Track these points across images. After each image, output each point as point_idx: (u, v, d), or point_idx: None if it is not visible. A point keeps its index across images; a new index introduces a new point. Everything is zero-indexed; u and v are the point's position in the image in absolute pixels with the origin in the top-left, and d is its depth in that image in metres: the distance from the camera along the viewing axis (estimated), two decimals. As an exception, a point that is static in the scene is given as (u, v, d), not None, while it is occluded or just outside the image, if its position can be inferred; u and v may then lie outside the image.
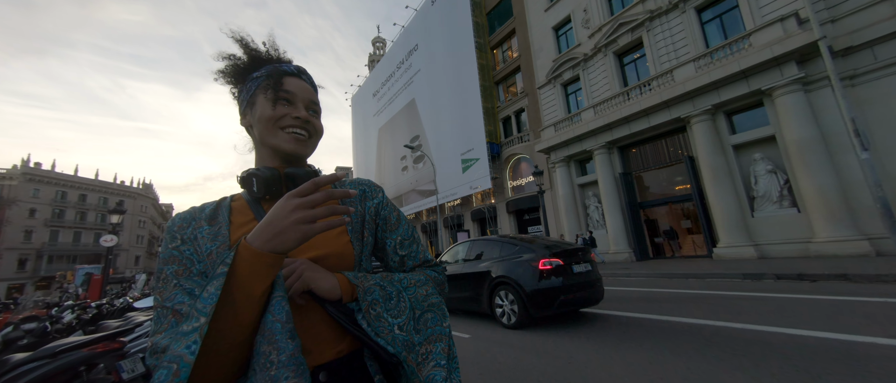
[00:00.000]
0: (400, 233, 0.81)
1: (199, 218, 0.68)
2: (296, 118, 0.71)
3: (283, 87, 0.71)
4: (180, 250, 0.64)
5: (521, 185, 19.87)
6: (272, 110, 0.70)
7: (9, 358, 2.36)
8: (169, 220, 0.70)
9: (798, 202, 9.30)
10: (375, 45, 45.39)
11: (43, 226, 36.71)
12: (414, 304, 0.67)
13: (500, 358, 3.54)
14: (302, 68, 0.78)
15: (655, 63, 12.79)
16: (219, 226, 0.68)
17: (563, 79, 16.60)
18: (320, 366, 0.62)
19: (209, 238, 0.65)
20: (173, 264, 0.62)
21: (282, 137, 0.71)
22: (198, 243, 0.65)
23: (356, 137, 40.08)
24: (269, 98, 0.70)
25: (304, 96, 0.73)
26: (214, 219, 0.69)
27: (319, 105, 0.78)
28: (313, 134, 0.75)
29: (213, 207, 0.71)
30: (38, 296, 10.52)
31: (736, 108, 10.66)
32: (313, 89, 0.78)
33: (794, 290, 5.36)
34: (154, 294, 0.63)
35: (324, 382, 0.62)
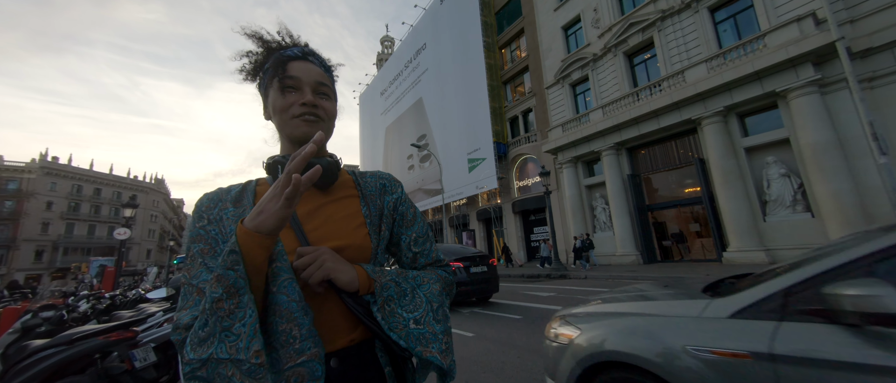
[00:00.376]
0: (415, 230, 0.82)
1: (226, 199, 0.70)
2: (303, 105, 0.70)
3: (288, 72, 0.70)
4: (206, 230, 0.66)
5: (527, 186, 19.78)
6: (282, 99, 0.70)
7: (29, 344, 2.45)
8: (198, 200, 0.71)
9: (812, 207, 9.09)
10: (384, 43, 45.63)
11: (59, 219, 37.74)
12: (430, 299, 0.69)
13: (503, 356, 3.54)
14: (308, 50, 0.75)
15: (666, 64, 12.60)
16: (243, 209, 0.69)
17: (572, 79, 16.47)
18: (332, 353, 0.64)
19: (233, 219, 0.67)
20: (200, 243, 0.64)
21: (292, 125, 0.71)
22: (223, 224, 0.67)
23: (364, 136, 40.33)
24: (276, 87, 0.71)
25: (310, 79, 0.72)
26: (239, 202, 0.70)
27: (330, 85, 0.76)
28: (324, 117, 0.73)
29: (238, 190, 0.73)
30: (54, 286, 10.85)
31: (749, 110, 10.45)
32: (322, 70, 0.76)
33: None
34: (183, 271, 0.65)
35: (335, 368, 0.63)
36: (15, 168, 35.87)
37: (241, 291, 0.53)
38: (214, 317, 0.51)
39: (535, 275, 11.89)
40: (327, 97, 0.75)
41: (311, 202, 0.73)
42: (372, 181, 0.82)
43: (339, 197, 0.76)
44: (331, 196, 0.75)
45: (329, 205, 0.74)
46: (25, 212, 34.47)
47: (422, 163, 27.30)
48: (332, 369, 0.63)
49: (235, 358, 0.50)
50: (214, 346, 0.51)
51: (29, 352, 2.35)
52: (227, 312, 0.52)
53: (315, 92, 0.73)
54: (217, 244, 0.65)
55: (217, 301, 0.52)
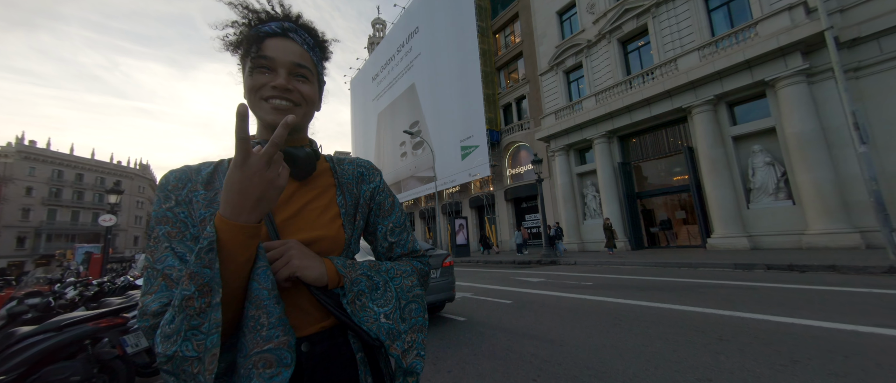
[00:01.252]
0: (392, 220, 0.79)
1: (196, 180, 0.65)
2: (274, 88, 0.64)
3: (262, 51, 0.64)
4: (174, 212, 0.62)
5: (519, 173, 19.88)
6: (251, 79, 0.65)
7: (15, 331, 2.42)
8: (162, 177, 0.66)
9: (794, 195, 9.37)
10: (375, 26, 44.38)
11: (40, 205, 36.66)
12: (400, 294, 0.68)
13: (493, 340, 3.64)
14: (289, 25, 0.67)
15: (660, 51, 12.60)
16: (215, 192, 0.65)
17: (566, 65, 16.37)
18: (303, 337, 0.63)
19: (204, 203, 0.64)
20: (166, 225, 0.61)
21: (263, 108, 0.65)
22: (192, 206, 0.63)
23: (355, 122, 39.69)
24: (249, 67, 0.65)
25: (285, 59, 0.65)
26: (211, 184, 0.66)
27: (312, 66, 0.69)
28: (299, 102, 0.67)
29: (209, 171, 0.67)
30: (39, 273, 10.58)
31: (738, 99, 10.59)
32: (303, 48, 0.68)
33: (783, 280, 5.49)
34: (146, 252, 0.61)
35: (305, 352, 0.62)
36: (-10, 152, 34.47)
37: (214, 290, 0.51)
38: (183, 315, 0.50)
39: (526, 261, 12.11)
40: (305, 80, 0.68)
41: (286, 191, 0.69)
42: (350, 169, 0.79)
43: (316, 187, 0.73)
44: (307, 185, 0.72)
45: (304, 194, 0.71)
46: (4, 197, 33.35)
47: (414, 150, 27.10)
48: (302, 353, 0.62)
49: (202, 356, 0.50)
50: (179, 344, 0.49)
51: (16, 339, 2.32)
52: (198, 311, 0.50)
53: (291, 73, 0.66)
54: (186, 228, 0.61)
55: (187, 298, 0.50)
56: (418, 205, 28.46)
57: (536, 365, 2.87)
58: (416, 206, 28.70)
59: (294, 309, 0.64)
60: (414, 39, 27.91)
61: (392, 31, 32.02)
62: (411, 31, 28.32)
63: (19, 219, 34.93)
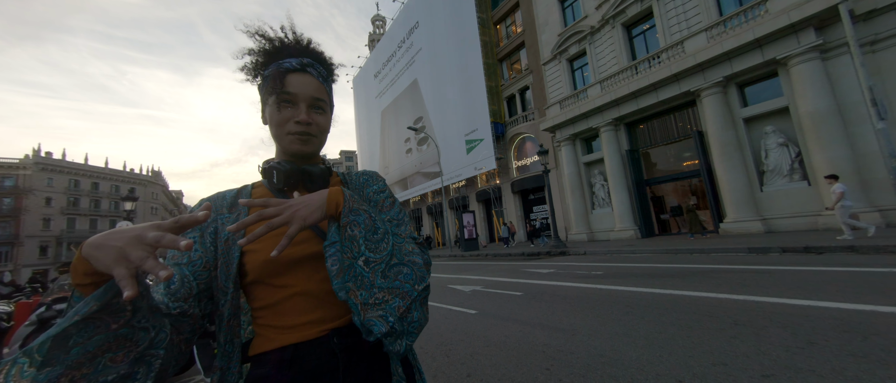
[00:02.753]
0: (391, 214, 0.81)
1: (222, 206, 0.72)
2: (297, 123, 0.71)
3: (285, 87, 0.70)
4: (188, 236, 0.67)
5: (526, 165, 19.76)
6: (278, 114, 0.71)
7: (46, 335, 2.53)
8: (197, 204, 0.69)
9: (809, 175, 9.15)
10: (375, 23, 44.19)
11: (60, 214, 37.79)
12: (395, 251, 0.65)
13: (505, 331, 3.67)
14: (307, 61, 0.74)
15: (665, 34, 12.31)
16: (237, 214, 0.71)
17: (569, 54, 16.11)
18: (334, 329, 0.66)
19: (228, 225, 0.69)
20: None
21: (286, 140, 0.72)
22: (216, 229, 0.69)
23: (359, 121, 39.77)
24: (272, 103, 0.71)
25: (306, 93, 0.72)
26: (234, 207, 0.72)
27: (327, 97, 0.76)
28: (317, 133, 0.74)
29: (234, 195, 0.75)
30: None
31: (748, 80, 10.31)
32: (320, 81, 0.75)
33: (799, 263, 5.39)
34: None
35: (337, 343, 0.65)
36: (9, 164, 35.55)
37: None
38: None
39: (535, 253, 12.10)
40: (322, 111, 0.75)
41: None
42: (356, 177, 0.85)
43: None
44: None
45: None
46: (25, 208, 34.45)
47: (419, 147, 27.10)
48: (336, 345, 0.64)
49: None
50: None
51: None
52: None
53: (310, 106, 0.73)
54: (186, 254, 0.66)
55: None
56: (425, 200, 28.54)
57: (549, 354, 2.89)
58: (423, 202, 28.78)
59: (321, 307, 0.66)
60: (414, 35, 27.74)
61: (392, 27, 31.86)
62: (411, 27, 28.15)
63: (40, 228, 36.09)
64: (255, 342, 0.66)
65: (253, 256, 0.66)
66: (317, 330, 0.65)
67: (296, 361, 0.62)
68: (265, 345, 0.65)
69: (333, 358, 0.63)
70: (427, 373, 2.83)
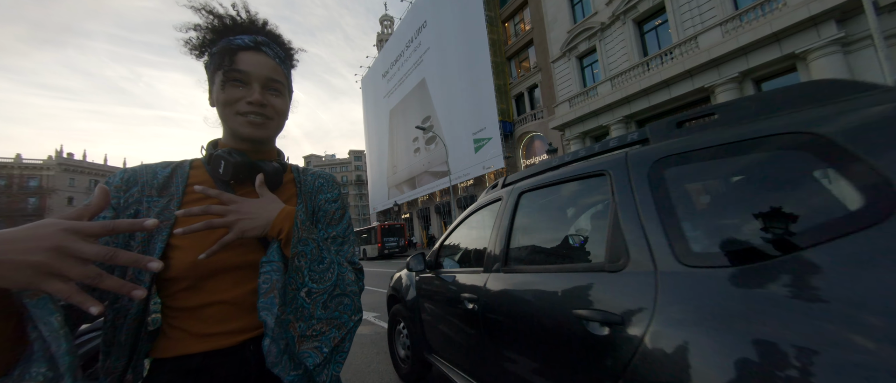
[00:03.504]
0: (338, 230, 0.77)
1: (151, 184, 0.62)
2: (249, 103, 0.63)
3: (236, 65, 0.62)
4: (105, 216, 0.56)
5: (534, 164, 19.62)
6: (224, 93, 0.63)
7: (70, 329, 2.63)
8: (117, 174, 0.62)
9: (829, 173, 8.85)
10: (383, 23, 44.44)
11: (81, 214, 39.23)
12: (338, 282, 0.63)
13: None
14: (262, 39, 0.66)
15: (678, 29, 12.05)
16: (169, 199, 0.62)
17: (579, 51, 15.92)
18: (250, 339, 0.62)
19: (155, 211, 0.60)
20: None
21: (237, 121, 0.64)
22: (138, 212, 0.59)
23: (368, 120, 40.11)
24: (219, 81, 0.63)
25: (260, 74, 0.64)
26: (166, 189, 0.63)
27: (284, 79, 0.69)
28: (272, 116, 0.67)
29: (167, 174, 0.64)
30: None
31: (765, 75, 10.02)
32: (276, 62, 0.67)
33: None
34: None
35: (253, 351, 0.61)
36: (34, 165, 37.01)
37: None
38: None
39: (544, 251, 12.02)
40: (278, 93, 0.68)
41: (255, 198, 0.67)
42: (311, 180, 0.79)
43: (281, 196, 0.72)
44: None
45: (269, 205, 0.68)
46: (49, 207, 35.82)
47: (427, 146, 27.19)
48: (250, 354, 0.61)
49: None
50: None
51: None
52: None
53: (265, 88, 0.65)
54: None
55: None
56: (433, 200, 28.62)
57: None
58: (432, 202, 28.87)
59: (245, 316, 0.61)
60: (422, 34, 27.82)
61: (400, 26, 32.01)
62: (419, 26, 28.22)
63: (63, 227, 37.55)
64: (160, 342, 0.60)
65: (180, 253, 0.58)
66: (233, 340, 0.60)
67: (204, 371, 0.58)
68: (171, 349, 0.59)
69: (245, 367, 0.60)
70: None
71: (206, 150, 0.69)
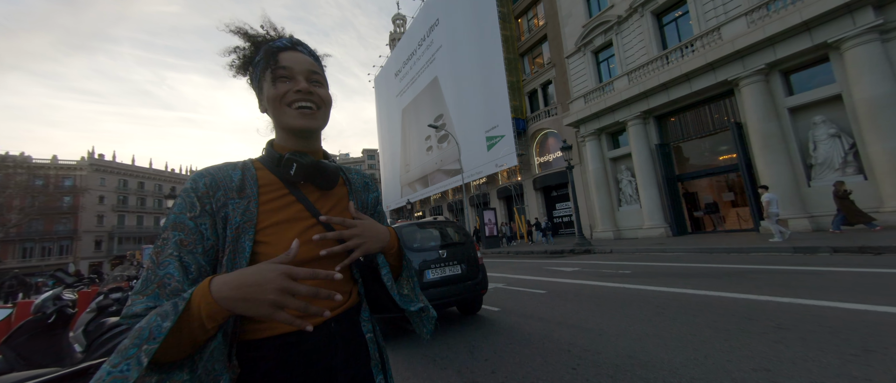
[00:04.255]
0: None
1: (230, 187, 0.67)
2: (297, 92, 0.70)
3: (279, 63, 0.70)
4: (196, 221, 0.62)
5: (548, 162, 19.34)
6: (274, 89, 0.70)
7: (105, 321, 2.78)
8: (192, 179, 0.66)
9: (865, 169, 8.36)
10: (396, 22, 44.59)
11: (111, 211, 41.14)
12: (410, 273, 0.88)
13: (529, 329, 3.64)
14: (296, 40, 0.76)
15: (700, 20, 11.60)
16: (247, 201, 0.67)
17: (594, 45, 15.55)
18: (331, 318, 0.72)
19: (239, 211, 0.66)
20: (181, 232, 0.60)
21: (289, 114, 0.71)
22: (226, 215, 0.65)
23: (380, 119, 40.41)
24: (268, 79, 0.70)
25: (301, 68, 0.72)
26: (242, 191, 0.68)
27: (322, 73, 0.76)
28: (320, 104, 0.74)
29: (239, 177, 0.69)
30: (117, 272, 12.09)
31: (794, 66, 9.54)
32: (312, 59, 0.75)
33: (853, 264, 4.95)
34: (151, 252, 0.60)
35: (335, 328, 0.72)
36: (68, 166, 39.07)
37: (134, 343, 0.47)
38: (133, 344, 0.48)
39: (558, 250, 11.86)
40: (320, 84, 0.75)
41: (314, 194, 0.76)
42: (357, 178, 0.89)
43: (334, 195, 0.80)
44: (327, 192, 0.79)
45: (326, 202, 0.78)
46: (82, 206, 37.79)
47: (440, 144, 27.18)
48: (332, 330, 0.72)
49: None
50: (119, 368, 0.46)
51: (107, 328, 2.67)
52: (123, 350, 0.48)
53: (308, 80, 0.72)
54: (201, 240, 0.62)
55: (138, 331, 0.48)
56: (446, 198, 28.62)
57: (575, 353, 2.84)
58: (444, 200, 28.88)
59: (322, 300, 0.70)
60: (434, 32, 27.77)
61: (412, 25, 32.05)
62: (431, 24, 28.18)
63: (95, 224, 39.48)
64: (251, 325, 0.66)
65: (266, 248, 0.65)
66: (318, 319, 0.69)
67: (296, 345, 0.67)
68: (265, 330, 0.66)
69: (331, 339, 0.71)
70: (451, 369, 2.87)
71: (266, 152, 0.76)
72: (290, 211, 0.71)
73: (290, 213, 0.70)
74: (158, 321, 0.48)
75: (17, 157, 34.21)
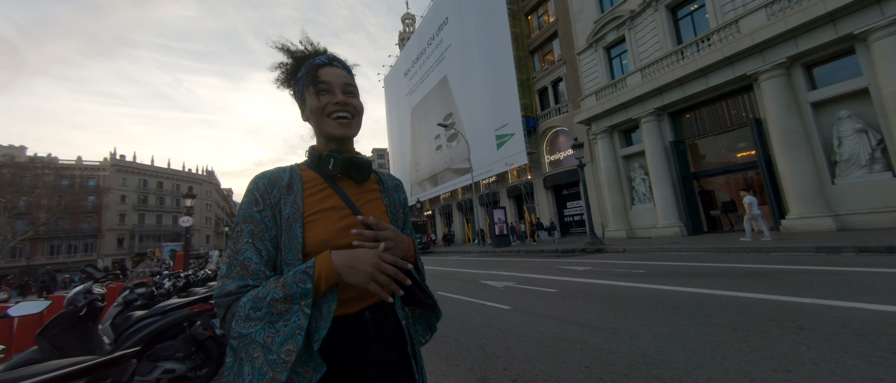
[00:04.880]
0: (409, 228, 1.01)
1: (281, 186, 0.80)
2: (336, 103, 0.82)
3: (320, 78, 0.82)
4: (261, 214, 0.75)
5: (559, 160, 19.13)
6: (317, 101, 0.82)
7: (131, 315, 2.90)
8: (253, 180, 0.79)
9: (894, 165, 8.00)
10: (405, 22, 44.73)
11: (132, 210, 42.62)
12: (423, 272, 0.95)
13: (540, 327, 3.63)
14: (333, 56, 0.88)
15: (717, 14, 11.28)
16: (295, 196, 0.80)
17: (607, 41, 15.29)
18: (366, 308, 0.80)
19: (289, 205, 0.78)
20: (250, 224, 0.74)
21: (330, 125, 0.83)
22: (278, 208, 0.77)
23: (390, 119, 40.65)
24: (311, 92, 0.82)
25: (338, 81, 0.83)
26: (291, 189, 0.81)
27: (354, 84, 0.88)
28: (354, 114, 0.86)
29: (288, 177, 0.82)
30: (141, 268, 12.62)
31: (817, 59, 9.18)
32: (346, 72, 0.87)
33: (881, 264, 4.76)
34: (229, 242, 0.75)
35: (369, 318, 0.80)
36: (92, 167, 40.65)
37: (295, 301, 0.65)
38: (267, 310, 0.64)
39: (570, 249, 11.74)
40: (354, 95, 0.86)
41: (351, 189, 0.87)
42: (389, 180, 1.00)
43: (368, 189, 0.91)
44: (363, 188, 0.90)
45: (362, 195, 0.88)
46: (105, 205, 39.29)
47: (449, 143, 27.19)
48: (367, 319, 0.79)
49: (267, 345, 0.62)
50: (256, 329, 0.63)
51: (133, 321, 2.79)
52: (279, 312, 0.64)
53: (344, 92, 0.84)
54: (267, 230, 0.75)
55: (275, 300, 0.64)
56: (455, 197, 28.63)
57: (587, 352, 2.83)
58: (454, 198, 28.89)
59: (355, 286, 0.77)
60: (444, 31, 27.75)
61: (421, 24, 32.10)
62: (441, 23, 28.17)
63: (117, 223, 40.98)
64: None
65: (313, 232, 0.77)
66: (355, 307, 0.78)
67: (335, 334, 0.76)
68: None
69: (366, 330, 0.79)
70: (463, 365, 2.89)
71: (309, 155, 0.89)
72: (330, 202, 0.82)
73: (329, 203, 0.82)
74: (301, 287, 0.66)
75: (44, 159, 35.80)
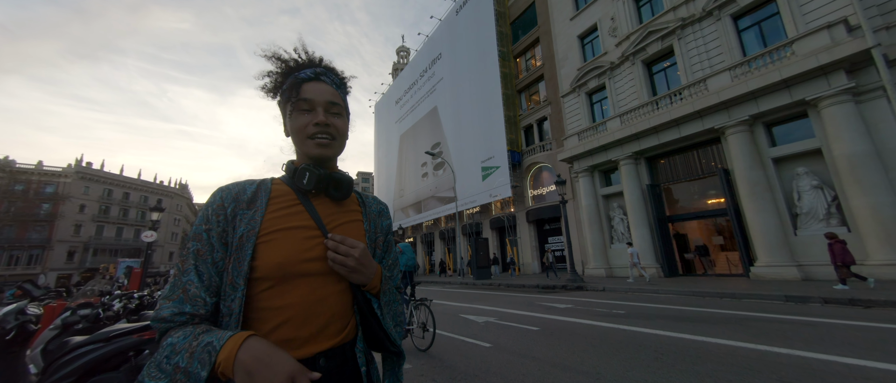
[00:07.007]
0: (391, 257, 0.93)
1: (242, 200, 0.73)
2: (316, 125, 0.75)
3: (301, 95, 0.75)
4: (209, 233, 0.69)
5: (542, 195, 19.54)
6: (296, 120, 0.76)
7: (69, 340, 2.55)
8: (212, 194, 0.73)
9: (848, 221, 8.61)
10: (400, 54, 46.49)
11: (90, 221, 39.60)
12: (396, 311, 0.86)
13: (523, 369, 3.46)
14: (320, 69, 0.80)
15: (687, 72, 12.35)
16: (254, 211, 0.72)
17: (588, 87, 16.33)
18: (321, 353, 0.70)
19: (245, 222, 0.70)
20: (198, 242, 0.69)
21: (308, 145, 0.76)
22: (234, 224, 0.70)
23: (378, 143, 40.91)
24: (290, 111, 0.77)
25: (322, 99, 0.76)
26: (253, 203, 0.73)
27: (341, 103, 0.80)
28: (336, 136, 0.78)
29: (253, 189, 0.75)
30: (89, 286, 11.36)
31: (776, 119, 10.08)
32: (334, 88, 0.80)
33: (845, 316, 4.94)
34: (177, 260, 0.68)
35: (323, 367, 0.70)
36: (53, 173, 38.02)
37: (191, 379, 0.57)
38: (171, 371, 0.57)
39: (550, 285, 11.65)
40: (339, 115, 0.79)
41: (327, 208, 0.79)
42: (373, 203, 0.92)
43: (347, 210, 0.83)
44: (341, 208, 0.82)
45: (340, 215, 0.80)
46: (60, 214, 36.36)
47: (435, 171, 27.41)
48: (321, 367, 0.69)
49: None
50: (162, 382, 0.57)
51: (69, 348, 2.44)
52: (178, 382, 0.57)
53: (327, 111, 0.77)
54: (212, 251, 0.68)
55: (178, 368, 0.57)
56: (438, 225, 28.40)
57: (573, 399, 2.68)
58: (437, 227, 28.63)
59: (313, 324, 0.69)
60: (437, 65, 28.94)
61: (416, 57, 33.43)
62: (434, 57, 29.44)
63: (71, 234, 37.77)
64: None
65: (264, 253, 0.68)
66: (307, 351, 0.68)
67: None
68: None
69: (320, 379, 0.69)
70: (441, 411, 2.67)
71: (286, 168, 0.81)
72: (296, 220, 0.74)
73: (295, 222, 0.73)
74: (198, 368, 0.56)
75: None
